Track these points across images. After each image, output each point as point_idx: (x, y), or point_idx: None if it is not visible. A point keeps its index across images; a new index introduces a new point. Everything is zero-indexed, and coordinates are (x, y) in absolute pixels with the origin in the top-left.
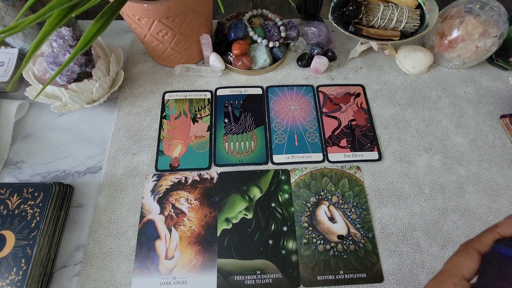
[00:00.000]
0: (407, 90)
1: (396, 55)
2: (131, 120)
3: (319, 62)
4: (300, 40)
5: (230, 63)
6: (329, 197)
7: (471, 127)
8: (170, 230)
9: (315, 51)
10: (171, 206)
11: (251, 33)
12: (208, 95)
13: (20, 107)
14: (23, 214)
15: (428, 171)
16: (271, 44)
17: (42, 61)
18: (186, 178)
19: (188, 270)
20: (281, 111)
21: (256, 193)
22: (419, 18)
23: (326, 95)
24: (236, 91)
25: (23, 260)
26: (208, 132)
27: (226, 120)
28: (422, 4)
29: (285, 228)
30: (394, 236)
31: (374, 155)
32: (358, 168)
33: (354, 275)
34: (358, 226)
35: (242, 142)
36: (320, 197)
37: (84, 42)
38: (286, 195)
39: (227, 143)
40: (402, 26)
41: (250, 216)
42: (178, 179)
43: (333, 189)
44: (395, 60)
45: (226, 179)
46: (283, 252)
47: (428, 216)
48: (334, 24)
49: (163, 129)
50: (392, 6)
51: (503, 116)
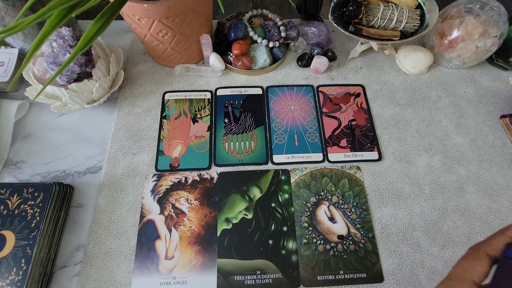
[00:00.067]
0: (407, 90)
1: (396, 55)
2: (131, 120)
3: (319, 62)
4: (300, 40)
5: (230, 63)
6: (329, 197)
7: (471, 127)
8: (170, 230)
9: (315, 51)
10: (171, 206)
11: (251, 33)
12: (208, 95)
13: (20, 107)
14: (23, 214)
15: (428, 171)
16: (271, 44)
17: (42, 61)
18: (186, 178)
19: (188, 270)
20: (281, 111)
21: (256, 193)
22: (419, 18)
23: (326, 95)
24: (236, 91)
25: (23, 260)
26: (208, 132)
27: (226, 120)
28: (422, 4)
29: (285, 228)
30: (394, 236)
31: (374, 155)
32: (358, 168)
33: (354, 275)
34: (358, 226)
35: (242, 142)
36: (320, 197)
37: (84, 42)
38: (286, 195)
39: (227, 143)
40: (402, 26)
41: (250, 216)
42: (178, 179)
43: (333, 189)
44: (395, 60)
45: (226, 179)
46: (283, 252)
47: (428, 216)
48: (334, 24)
49: (163, 129)
50: (392, 6)
51: (503, 116)
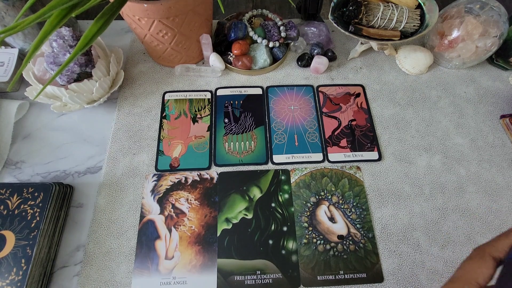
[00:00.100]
0: (407, 90)
1: (396, 55)
2: (131, 120)
3: (319, 62)
4: (300, 40)
5: (230, 63)
6: (329, 197)
7: (471, 127)
8: (170, 230)
9: (315, 51)
10: (171, 206)
11: (251, 33)
12: (208, 95)
13: (20, 107)
14: (23, 214)
15: (428, 171)
16: (271, 44)
17: (42, 61)
18: (186, 178)
19: (188, 270)
20: (281, 111)
21: (256, 193)
22: (419, 18)
23: (326, 95)
24: (236, 91)
25: (23, 260)
26: (208, 132)
27: (226, 120)
28: (422, 4)
29: (285, 228)
30: (394, 236)
31: (374, 155)
32: (358, 168)
33: (354, 275)
34: (358, 226)
35: (242, 142)
36: (320, 197)
37: (84, 42)
38: (286, 195)
39: (227, 143)
40: (402, 26)
41: (250, 216)
42: (178, 179)
43: (333, 189)
44: (395, 60)
45: (226, 179)
46: (283, 252)
47: (428, 216)
48: (334, 24)
49: (163, 129)
50: (392, 6)
51: (503, 116)
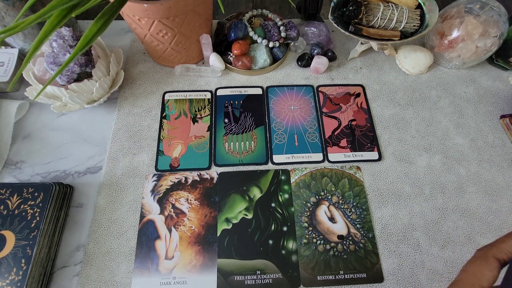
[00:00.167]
0: (407, 90)
1: (396, 55)
2: (131, 120)
3: (319, 62)
4: (300, 40)
5: (230, 63)
6: (329, 197)
7: (471, 127)
8: (170, 230)
9: (315, 51)
10: (171, 206)
11: (251, 33)
12: (208, 95)
13: (20, 107)
14: (23, 214)
15: (428, 171)
16: (271, 44)
17: (42, 61)
18: (186, 178)
19: (188, 270)
20: (281, 111)
21: (256, 193)
22: (419, 18)
23: (326, 95)
24: (236, 91)
25: (23, 260)
26: (208, 132)
27: (226, 120)
28: (422, 4)
29: (285, 228)
30: (394, 236)
31: (374, 155)
32: (358, 168)
33: (354, 275)
34: (358, 226)
35: (242, 142)
36: (320, 197)
37: (84, 42)
38: (286, 195)
39: (227, 143)
40: (402, 26)
41: (250, 216)
42: (178, 179)
43: (333, 189)
44: (395, 60)
45: (226, 179)
46: (283, 252)
47: (428, 216)
48: (334, 24)
49: (163, 129)
50: (392, 6)
51: (503, 116)
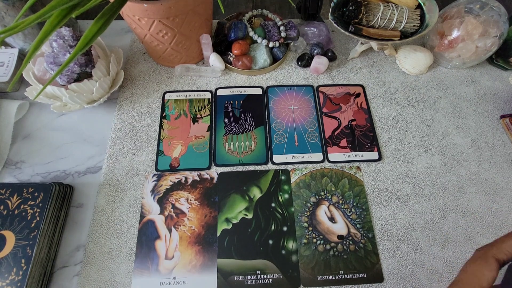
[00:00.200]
0: (407, 90)
1: (396, 55)
2: (131, 120)
3: (319, 62)
4: (300, 40)
5: (230, 63)
6: (329, 197)
7: (471, 127)
8: (170, 230)
9: (315, 51)
10: (171, 206)
11: (251, 33)
12: (208, 95)
13: (20, 107)
14: (23, 214)
15: (428, 171)
16: (271, 44)
17: (42, 61)
18: (186, 178)
19: (188, 270)
20: (281, 111)
21: (256, 193)
22: (419, 18)
23: (326, 95)
24: (236, 91)
25: (23, 260)
26: (208, 132)
27: (226, 120)
28: (422, 4)
29: (285, 228)
30: (394, 236)
31: (374, 155)
32: (358, 168)
33: (354, 275)
34: (358, 226)
35: (242, 142)
36: (320, 197)
37: (84, 42)
38: (286, 195)
39: (227, 143)
40: (402, 26)
41: (250, 216)
42: (178, 179)
43: (333, 189)
44: (395, 60)
45: (226, 179)
46: (283, 252)
47: (428, 216)
48: (334, 24)
49: (163, 129)
50: (392, 6)
51: (503, 116)
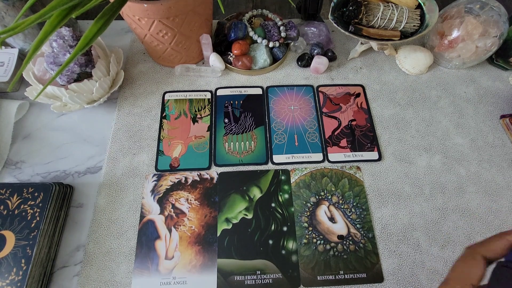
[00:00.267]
0: (407, 90)
1: (396, 55)
2: (131, 120)
3: (319, 62)
4: (300, 40)
5: (230, 63)
6: (329, 197)
7: (471, 127)
8: (170, 230)
9: (315, 51)
10: (171, 206)
11: (251, 33)
12: (208, 95)
13: (20, 107)
14: (23, 214)
15: (428, 171)
16: (271, 44)
17: (42, 61)
18: (186, 178)
19: (188, 270)
20: (281, 111)
21: (256, 193)
22: (419, 18)
23: (326, 95)
24: (236, 91)
25: (23, 260)
26: (208, 132)
27: (226, 120)
28: (422, 4)
29: (285, 228)
30: (394, 236)
31: (374, 155)
32: (358, 168)
33: (354, 275)
34: (358, 226)
35: (242, 142)
36: (320, 197)
37: (84, 43)
38: (286, 195)
39: (227, 143)
40: (402, 26)
41: (250, 216)
42: (178, 179)
43: (333, 189)
44: (395, 60)
45: (226, 179)
46: (283, 252)
47: (428, 216)
48: (334, 24)
49: (163, 129)
50: (392, 6)
51: (503, 116)
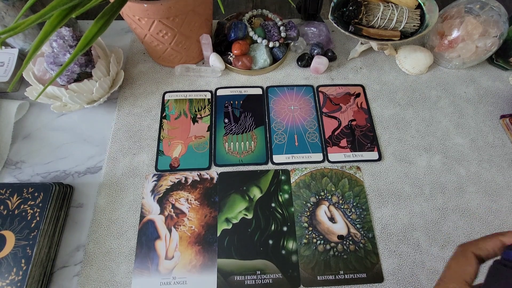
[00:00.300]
0: (407, 90)
1: (396, 55)
2: (131, 120)
3: (319, 62)
4: (300, 40)
5: (230, 63)
6: (329, 197)
7: (471, 127)
8: (170, 230)
9: (315, 51)
10: (171, 206)
11: (251, 33)
12: (208, 95)
13: (20, 107)
14: (23, 214)
15: (428, 171)
16: (271, 44)
17: (42, 61)
18: (186, 178)
19: (188, 270)
20: (281, 111)
21: (256, 193)
22: (419, 18)
23: (326, 95)
24: (236, 91)
25: (23, 260)
26: (208, 132)
27: (226, 120)
28: (422, 4)
29: (285, 228)
30: (394, 236)
31: (374, 155)
32: (358, 168)
33: (354, 275)
34: (358, 226)
35: (242, 142)
36: (320, 197)
37: (85, 43)
38: (286, 195)
39: (227, 143)
40: (402, 26)
41: (250, 216)
42: (178, 179)
43: (333, 189)
44: (395, 60)
45: (226, 179)
46: (283, 252)
47: (428, 216)
48: (334, 24)
49: (163, 129)
50: (392, 6)
51: (503, 116)
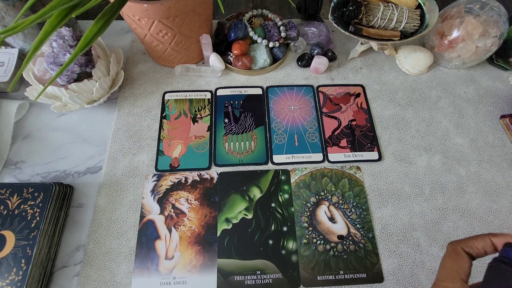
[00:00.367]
0: (407, 90)
1: (396, 55)
2: (131, 120)
3: (319, 62)
4: (300, 40)
5: (230, 63)
6: (329, 197)
7: (471, 127)
8: (170, 230)
9: (315, 51)
10: (171, 206)
11: (251, 33)
12: (208, 95)
13: (20, 107)
14: (23, 214)
15: (428, 171)
16: (271, 44)
17: (42, 61)
18: (186, 178)
19: (188, 270)
20: (281, 111)
21: (256, 193)
22: (419, 18)
23: (326, 95)
24: (236, 91)
25: (23, 260)
26: (208, 132)
27: (226, 120)
28: (422, 4)
29: (285, 228)
30: (394, 236)
31: (374, 155)
32: (358, 168)
33: (354, 275)
34: (358, 226)
35: (242, 142)
36: (320, 197)
37: (85, 43)
38: (286, 195)
39: (227, 143)
40: (402, 26)
41: (250, 216)
42: (178, 179)
43: (333, 189)
44: (395, 60)
45: (226, 179)
46: (283, 252)
47: (428, 216)
48: (334, 24)
49: (163, 129)
50: (392, 6)
51: (503, 116)
